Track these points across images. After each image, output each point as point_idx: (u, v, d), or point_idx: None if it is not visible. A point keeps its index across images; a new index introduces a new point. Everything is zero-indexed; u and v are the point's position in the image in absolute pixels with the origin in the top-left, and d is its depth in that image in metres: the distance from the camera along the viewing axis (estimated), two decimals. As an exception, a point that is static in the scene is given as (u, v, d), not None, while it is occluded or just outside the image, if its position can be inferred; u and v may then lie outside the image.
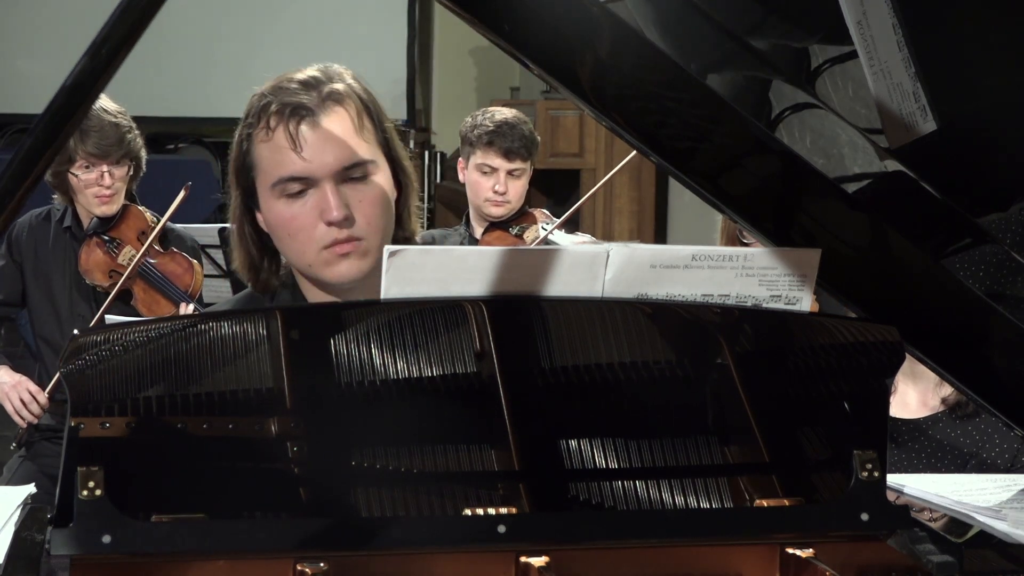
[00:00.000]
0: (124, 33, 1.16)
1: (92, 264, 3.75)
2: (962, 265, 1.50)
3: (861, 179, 1.50)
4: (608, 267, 1.38)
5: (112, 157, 3.65)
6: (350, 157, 1.76)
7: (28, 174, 1.19)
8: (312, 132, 1.75)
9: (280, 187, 1.76)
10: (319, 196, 1.75)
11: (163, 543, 1.25)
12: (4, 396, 3.68)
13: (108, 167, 3.66)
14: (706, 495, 1.38)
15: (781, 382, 1.43)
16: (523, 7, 1.31)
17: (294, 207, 1.76)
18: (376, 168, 1.79)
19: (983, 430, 2.37)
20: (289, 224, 1.77)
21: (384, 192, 1.80)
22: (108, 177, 3.67)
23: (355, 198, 1.76)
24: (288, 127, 1.75)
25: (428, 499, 1.32)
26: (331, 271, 1.77)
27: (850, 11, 1.37)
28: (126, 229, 3.79)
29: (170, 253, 3.85)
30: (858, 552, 1.41)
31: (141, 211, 3.84)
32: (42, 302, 3.80)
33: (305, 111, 1.75)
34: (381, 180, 1.80)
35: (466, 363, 1.34)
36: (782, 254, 1.42)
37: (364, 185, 1.77)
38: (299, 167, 1.75)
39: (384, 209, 1.79)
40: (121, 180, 3.71)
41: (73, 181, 3.68)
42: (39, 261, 3.80)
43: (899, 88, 1.40)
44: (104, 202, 3.71)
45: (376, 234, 1.77)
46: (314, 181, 1.75)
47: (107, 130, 3.62)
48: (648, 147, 1.40)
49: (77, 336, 1.26)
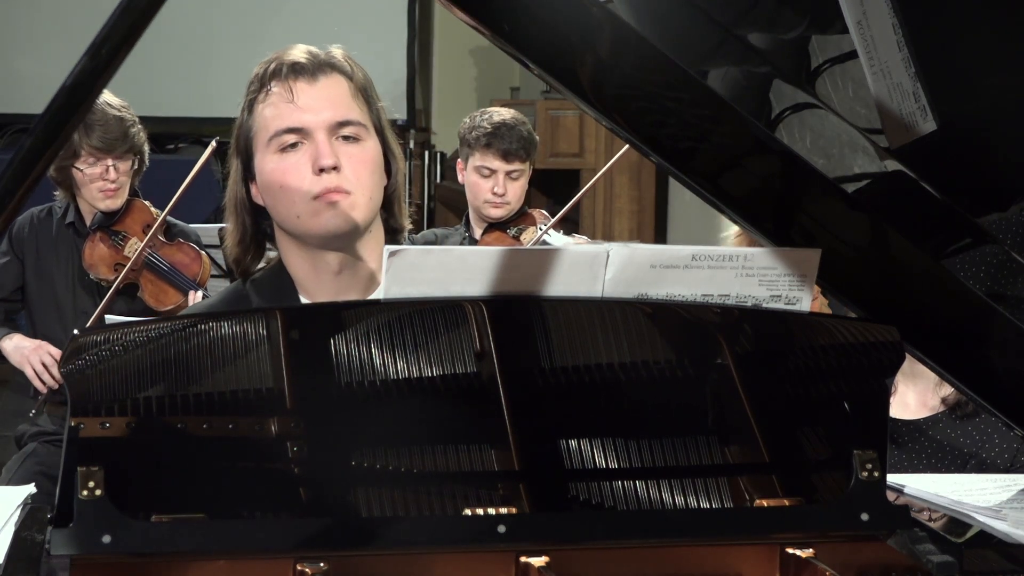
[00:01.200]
0: (124, 33, 1.16)
1: (97, 258, 3.75)
2: (962, 265, 1.50)
3: (861, 179, 1.50)
4: (608, 267, 1.38)
5: (117, 151, 3.66)
6: (344, 114, 1.85)
7: (28, 174, 1.19)
8: (309, 87, 1.85)
9: (276, 140, 1.84)
10: (312, 147, 1.83)
11: (163, 543, 1.25)
12: (24, 360, 3.69)
13: (113, 161, 3.67)
14: (706, 495, 1.38)
15: (781, 382, 1.43)
16: (523, 7, 1.31)
17: (287, 159, 1.84)
18: (367, 135, 1.87)
19: (983, 430, 2.37)
20: (282, 176, 1.84)
21: (375, 158, 1.87)
22: (113, 171, 3.68)
23: (346, 155, 1.84)
24: (287, 82, 1.84)
25: (428, 499, 1.32)
26: (318, 221, 1.82)
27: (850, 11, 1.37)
28: (131, 223, 3.80)
29: (176, 243, 3.86)
30: (858, 552, 1.41)
31: (145, 205, 3.86)
32: (44, 299, 3.80)
33: (303, 69, 1.85)
34: (372, 147, 1.87)
35: (466, 363, 1.34)
36: (782, 254, 1.42)
37: (356, 145, 1.85)
38: (295, 118, 1.83)
39: (374, 172, 1.86)
40: (125, 174, 3.73)
41: (77, 176, 3.68)
42: (41, 258, 3.81)
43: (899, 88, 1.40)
44: (108, 196, 3.72)
45: (364, 192, 1.84)
46: (308, 132, 1.83)
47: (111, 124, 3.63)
48: (648, 147, 1.40)
49: (77, 336, 1.26)
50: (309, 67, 1.85)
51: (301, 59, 1.86)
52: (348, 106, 1.86)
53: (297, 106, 1.83)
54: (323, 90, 1.85)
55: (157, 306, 3.78)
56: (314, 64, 1.86)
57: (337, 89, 1.86)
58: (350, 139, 1.85)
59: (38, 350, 3.68)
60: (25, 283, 3.82)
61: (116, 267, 3.74)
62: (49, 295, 3.80)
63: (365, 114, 1.88)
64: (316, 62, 1.86)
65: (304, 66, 1.85)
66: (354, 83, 1.89)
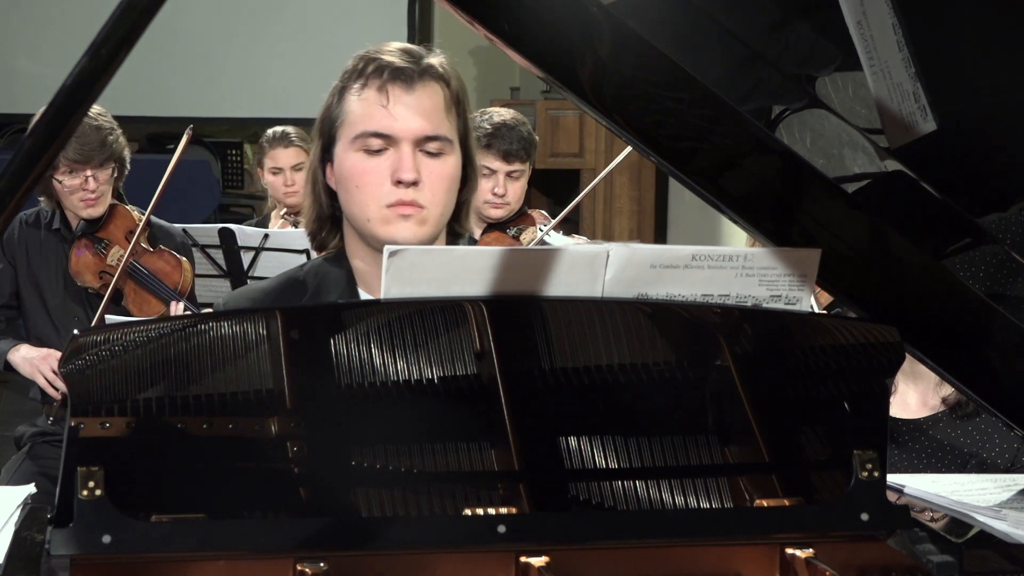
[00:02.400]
0: (124, 33, 1.16)
1: (82, 266, 3.74)
2: (962, 265, 1.50)
3: (861, 179, 1.50)
4: (608, 267, 1.38)
5: (95, 161, 3.62)
6: (434, 129, 1.85)
7: (28, 174, 1.18)
8: (405, 95, 1.85)
9: (361, 140, 1.86)
10: (396, 156, 1.84)
11: (163, 543, 1.25)
12: (34, 370, 3.68)
13: (91, 171, 3.63)
14: (706, 495, 1.38)
15: (781, 382, 1.43)
16: (523, 7, 1.31)
17: (369, 162, 1.85)
18: (452, 150, 1.89)
19: (983, 430, 2.37)
20: (360, 176, 1.86)
21: (454, 174, 1.89)
22: (92, 181, 3.64)
23: (427, 169, 1.85)
24: (384, 85, 1.85)
25: (428, 499, 1.32)
26: (388, 229, 1.84)
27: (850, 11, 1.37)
28: (114, 229, 3.78)
29: (158, 251, 3.83)
30: (858, 552, 1.41)
31: (128, 210, 3.83)
32: (35, 304, 3.80)
33: (403, 75, 1.85)
34: (453, 163, 1.89)
35: (466, 363, 1.34)
36: (782, 254, 1.42)
37: (438, 160, 1.86)
38: (385, 124, 1.84)
39: (450, 189, 1.88)
40: (106, 183, 3.69)
41: (57, 187, 3.65)
42: (31, 263, 3.80)
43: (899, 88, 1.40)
44: (90, 205, 3.69)
45: (437, 208, 1.86)
46: (395, 141, 1.84)
47: (88, 135, 3.57)
48: (648, 147, 1.39)
49: (77, 336, 1.26)
50: (408, 73, 1.85)
51: (402, 63, 1.85)
52: (439, 119, 1.86)
53: (389, 112, 1.84)
54: (418, 99, 1.85)
55: (139, 314, 3.76)
56: (413, 70, 1.86)
57: (432, 99, 1.86)
58: (434, 152, 1.86)
59: (47, 359, 3.68)
60: (19, 288, 3.81)
61: (101, 275, 3.73)
62: (39, 300, 3.79)
63: (453, 127, 1.89)
64: (416, 68, 1.86)
65: (403, 71, 1.85)
66: (450, 92, 1.89)
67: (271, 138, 5.04)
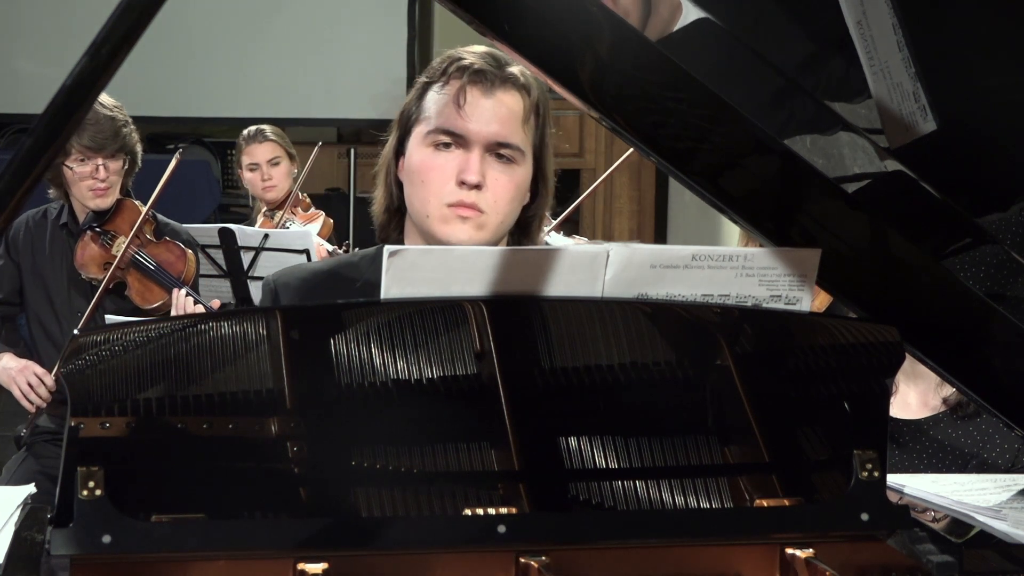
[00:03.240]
0: (124, 33, 1.16)
1: (87, 258, 3.76)
2: (962, 265, 1.50)
3: (861, 179, 1.50)
4: (608, 267, 1.38)
5: (107, 150, 3.67)
6: (507, 136, 1.85)
7: (28, 174, 1.18)
8: (484, 99, 1.85)
9: (433, 136, 1.86)
10: (463, 157, 1.84)
11: (163, 543, 1.25)
12: (11, 380, 3.69)
13: (103, 160, 3.68)
14: (706, 495, 1.38)
15: (781, 382, 1.43)
16: (523, 7, 1.31)
17: (438, 158, 1.85)
18: (523, 160, 1.88)
19: (984, 430, 2.37)
20: (427, 172, 1.85)
21: (520, 185, 1.88)
22: (103, 170, 3.68)
23: (493, 174, 1.85)
24: (464, 86, 1.85)
25: (428, 499, 1.32)
26: (444, 229, 1.84)
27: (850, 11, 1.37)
28: (121, 222, 3.80)
29: (163, 243, 3.86)
30: (858, 552, 1.41)
31: (135, 204, 3.86)
32: (40, 300, 3.81)
33: (483, 78, 1.85)
34: (521, 173, 1.88)
35: (466, 363, 1.34)
36: (782, 254, 1.42)
37: (506, 168, 1.86)
38: (458, 124, 1.84)
39: (514, 198, 1.88)
40: (116, 174, 3.73)
41: (68, 174, 3.69)
42: (36, 260, 3.81)
43: (899, 88, 1.40)
44: (99, 195, 3.72)
45: (498, 215, 1.85)
46: (465, 142, 1.84)
47: (103, 124, 3.64)
48: (648, 147, 1.39)
49: (77, 336, 1.26)
50: (489, 76, 1.85)
51: (484, 66, 1.85)
52: (513, 128, 1.86)
53: (465, 112, 1.84)
54: (495, 105, 1.85)
55: (143, 304, 3.79)
56: (495, 75, 1.85)
57: (509, 107, 1.86)
58: (503, 159, 1.85)
59: (24, 371, 3.68)
60: (22, 285, 3.83)
61: (105, 266, 3.75)
62: (44, 296, 3.81)
63: (528, 137, 1.88)
64: (498, 73, 1.86)
65: (484, 74, 1.85)
66: (529, 101, 1.88)
67: (247, 136, 5.08)
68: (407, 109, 1.93)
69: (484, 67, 1.85)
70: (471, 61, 1.86)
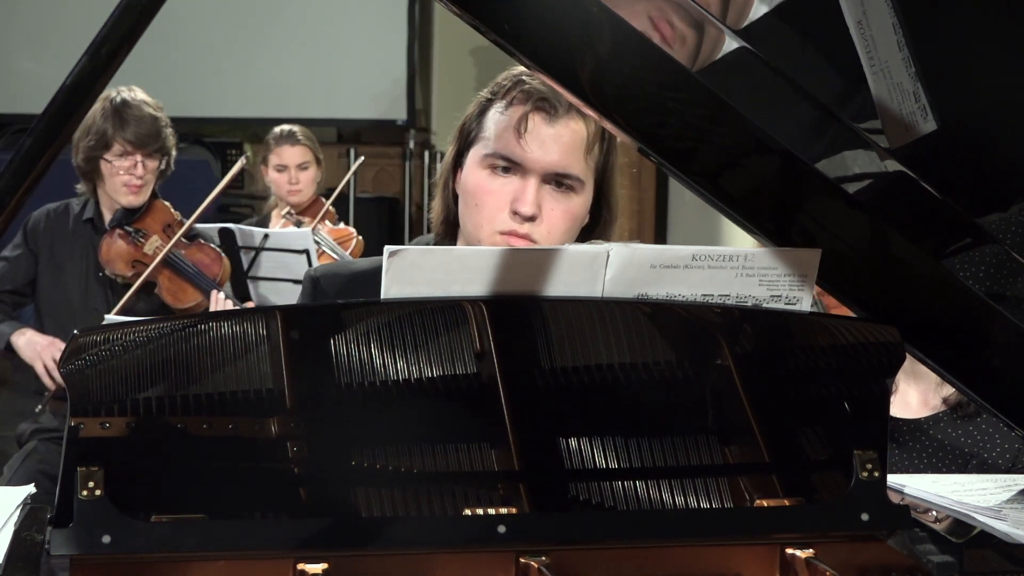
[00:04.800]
0: (124, 33, 1.16)
1: (114, 254, 3.78)
2: (962, 265, 1.50)
3: (861, 179, 1.50)
4: (608, 267, 1.38)
5: (148, 148, 3.73)
6: (567, 167, 1.81)
7: (28, 174, 1.19)
8: (546, 127, 1.81)
9: (491, 159, 1.82)
10: (520, 185, 1.80)
11: (163, 543, 1.25)
12: (36, 355, 3.71)
13: (142, 158, 3.74)
14: (706, 495, 1.38)
15: (781, 382, 1.43)
16: (523, 7, 1.31)
17: (494, 182, 1.82)
18: (582, 189, 1.84)
19: (984, 430, 2.37)
20: (482, 195, 1.82)
21: (578, 214, 1.85)
22: (140, 167, 3.74)
23: (549, 204, 1.81)
24: (526, 112, 1.81)
25: (428, 499, 1.32)
26: None
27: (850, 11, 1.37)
28: (151, 222, 3.84)
29: (197, 244, 3.91)
30: (858, 552, 1.41)
31: (166, 205, 3.91)
32: (55, 294, 3.82)
33: (549, 106, 1.81)
34: (579, 203, 1.84)
35: (466, 363, 1.35)
36: (782, 254, 1.42)
37: (563, 197, 1.82)
38: (517, 152, 1.80)
39: (569, 228, 1.84)
40: (152, 172, 3.79)
41: (105, 167, 3.73)
42: (55, 253, 3.83)
43: (899, 88, 1.40)
44: (133, 192, 3.76)
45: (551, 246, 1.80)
46: (523, 170, 1.81)
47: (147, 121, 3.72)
48: (648, 147, 1.39)
49: (77, 336, 1.26)
50: (554, 104, 1.80)
51: (549, 92, 1.80)
52: (574, 158, 1.81)
53: (526, 140, 1.79)
54: (557, 134, 1.80)
55: (175, 304, 3.83)
56: (559, 102, 1.80)
57: (571, 136, 1.81)
58: (561, 187, 1.82)
59: (51, 347, 3.71)
60: (37, 277, 3.84)
61: (134, 264, 3.78)
62: (60, 290, 3.82)
63: (590, 167, 1.84)
64: (563, 101, 1.80)
65: (549, 102, 1.80)
66: (594, 131, 1.84)
67: (277, 136, 5.07)
68: (467, 123, 1.88)
69: (549, 94, 1.80)
70: (537, 86, 1.81)
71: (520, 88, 1.83)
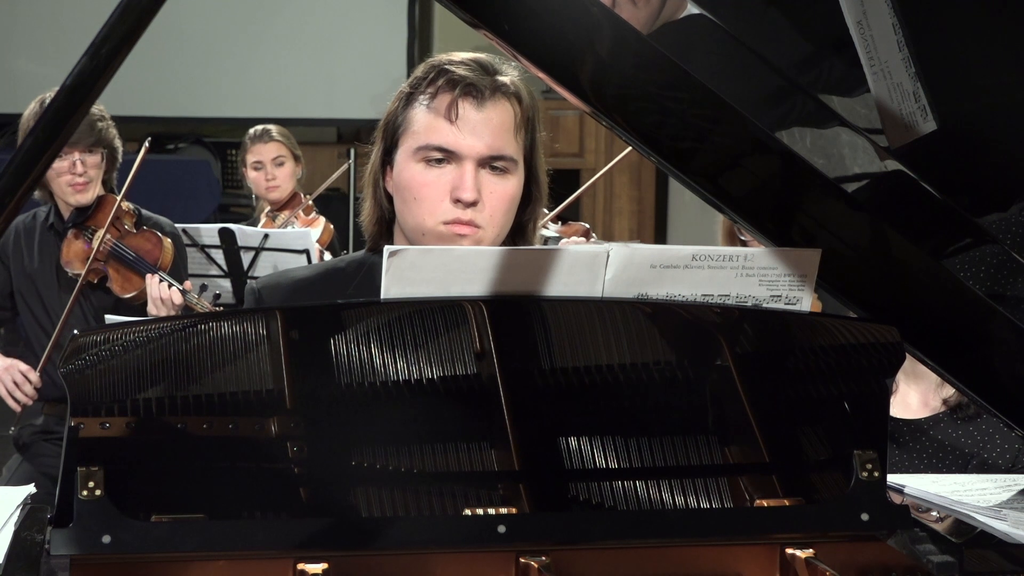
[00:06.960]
0: (124, 33, 1.16)
1: (72, 255, 3.77)
2: (962, 265, 1.50)
3: (861, 179, 1.50)
4: (608, 267, 1.38)
5: (83, 144, 3.67)
6: (500, 148, 1.81)
7: (28, 174, 1.19)
8: (475, 112, 1.80)
9: (424, 152, 1.81)
10: (457, 173, 1.80)
11: (163, 543, 1.25)
12: None
13: (80, 155, 3.69)
14: (706, 495, 1.38)
15: (781, 382, 1.43)
16: (523, 7, 1.31)
17: (430, 174, 1.81)
18: (516, 169, 1.84)
19: (984, 431, 2.37)
20: (419, 189, 1.81)
21: (515, 194, 1.85)
22: (80, 165, 3.70)
23: (488, 187, 1.81)
24: (455, 100, 1.80)
25: (428, 499, 1.32)
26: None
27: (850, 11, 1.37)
28: (102, 218, 3.81)
29: (142, 232, 3.87)
30: (858, 552, 1.41)
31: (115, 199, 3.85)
32: (34, 302, 3.82)
33: (475, 91, 1.80)
34: (515, 183, 1.84)
35: (466, 363, 1.34)
36: (782, 254, 1.42)
37: (500, 179, 1.82)
38: (451, 140, 1.79)
39: (509, 208, 1.84)
40: (94, 168, 3.74)
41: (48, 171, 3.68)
42: (26, 263, 3.82)
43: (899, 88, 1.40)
44: (78, 190, 3.73)
45: (494, 229, 1.82)
46: (458, 157, 1.80)
47: None
48: (648, 147, 1.40)
49: (77, 336, 1.26)
50: (480, 88, 1.80)
51: (474, 78, 1.80)
52: (506, 139, 1.81)
53: (456, 127, 1.79)
54: (487, 117, 1.80)
55: (122, 293, 3.80)
56: (485, 86, 1.80)
57: (501, 118, 1.81)
58: (497, 170, 1.81)
59: (9, 370, 3.69)
60: (13, 289, 3.84)
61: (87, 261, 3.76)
62: (36, 297, 3.82)
63: (520, 146, 1.84)
64: (488, 84, 1.80)
65: (476, 87, 1.80)
66: (521, 110, 1.84)
67: (252, 135, 5.10)
68: (391, 119, 1.87)
69: (475, 79, 1.80)
70: (462, 74, 1.81)
71: (444, 77, 1.82)
